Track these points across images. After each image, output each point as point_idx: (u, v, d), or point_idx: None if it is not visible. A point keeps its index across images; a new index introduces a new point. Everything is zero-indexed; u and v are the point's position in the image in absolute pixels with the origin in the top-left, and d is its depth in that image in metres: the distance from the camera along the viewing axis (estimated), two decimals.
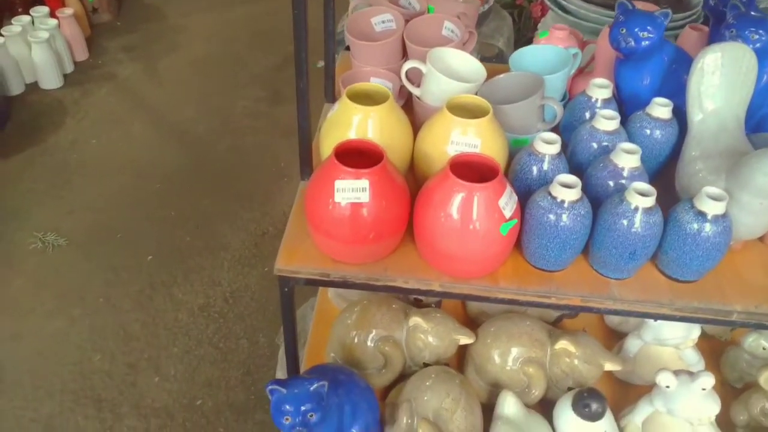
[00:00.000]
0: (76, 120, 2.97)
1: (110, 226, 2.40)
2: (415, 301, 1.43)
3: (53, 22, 3.15)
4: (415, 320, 1.29)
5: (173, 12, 3.89)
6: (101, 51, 3.50)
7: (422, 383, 1.20)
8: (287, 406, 1.00)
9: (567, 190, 0.90)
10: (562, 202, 0.90)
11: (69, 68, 3.30)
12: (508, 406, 1.19)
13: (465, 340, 1.31)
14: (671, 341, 1.26)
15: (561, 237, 0.91)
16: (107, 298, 2.13)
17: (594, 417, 1.15)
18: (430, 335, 1.29)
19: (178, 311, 2.10)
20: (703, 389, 1.11)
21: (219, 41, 3.62)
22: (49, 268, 2.22)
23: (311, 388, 1.01)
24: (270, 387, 1.00)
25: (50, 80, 3.15)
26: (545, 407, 1.27)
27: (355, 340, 1.31)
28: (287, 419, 1.00)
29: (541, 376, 1.26)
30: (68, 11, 3.27)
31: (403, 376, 1.32)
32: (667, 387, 1.13)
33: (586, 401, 1.15)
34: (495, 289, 0.96)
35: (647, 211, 0.90)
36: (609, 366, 1.27)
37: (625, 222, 0.91)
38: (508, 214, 0.90)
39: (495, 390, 1.28)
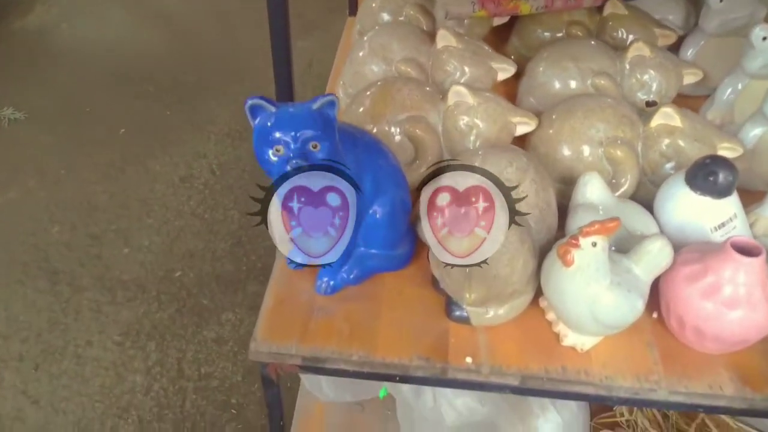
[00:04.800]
0: (45, 7, 2.61)
1: (77, 101, 2.05)
2: None
3: None
4: (458, 91, 0.94)
5: None
6: None
7: (472, 159, 0.85)
8: (277, 133, 0.65)
9: None
10: None
11: None
12: (592, 189, 0.84)
13: (525, 125, 0.96)
14: None
15: None
16: (70, 170, 1.79)
17: (722, 190, 0.80)
18: (478, 115, 0.94)
19: (155, 182, 1.75)
20: None
21: None
22: (4, 141, 1.88)
23: (314, 107, 0.67)
24: (250, 102, 0.65)
25: None
26: None
27: (374, 130, 0.96)
28: (277, 150, 0.65)
29: (632, 161, 0.91)
30: None
31: None
32: None
33: (711, 168, 0.80)
34: None
35: None
36: (726, 149, 0.92)
37: None
38: None
39: (566, 189, 0.94)
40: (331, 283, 0.82)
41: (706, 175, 0.80)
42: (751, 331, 0.72)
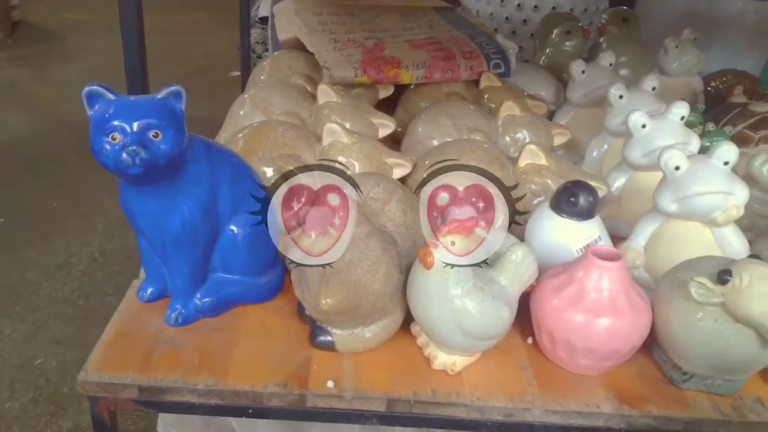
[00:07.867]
0: None
1: None
2: None
3: None
4: (332, 129, 0.93)
5: (74, 36, 3.59)
6: None
7: None
8: (115, 120, 0.61)
9: None
10: None
11: None
12: None
13: (401, 168, 0.96)
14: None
15: None
16: None
17: (583, 212, 0.81)
18: (353, 155, 0.93)
19: (28, 270, 1.62)
20: (726, 163, 0.80)
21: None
22: None
23: (158, 96, 0.64)
24: (87, 89, 0.62)
25: None
26: None
27: None
28: (113, 138, 0.61)
29: None
30: None
31: None
32: (677, 169, 0.81)
33: (572, 191, 0.81)
34: None
35: None
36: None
37: None
38: None
39: None
40: (183, 311, 0.75)
41: (568, 198, 0.81)
42: (619, 339, 0.69)
